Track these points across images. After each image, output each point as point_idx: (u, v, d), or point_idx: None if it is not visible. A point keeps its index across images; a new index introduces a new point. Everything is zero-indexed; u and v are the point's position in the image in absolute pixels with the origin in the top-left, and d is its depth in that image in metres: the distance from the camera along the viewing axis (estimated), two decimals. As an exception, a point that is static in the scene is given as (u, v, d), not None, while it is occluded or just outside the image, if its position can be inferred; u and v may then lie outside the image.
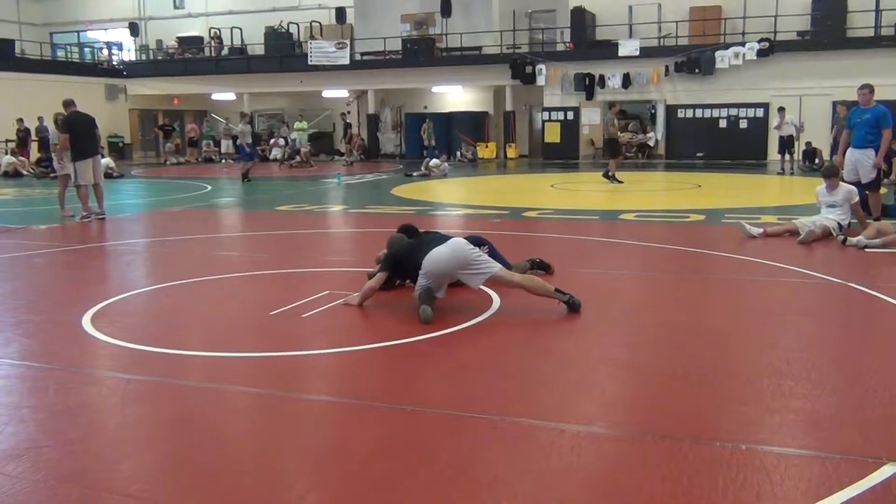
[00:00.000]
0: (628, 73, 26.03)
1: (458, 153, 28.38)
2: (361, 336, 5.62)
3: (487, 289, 6.26)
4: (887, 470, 3.19)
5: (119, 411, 4.18)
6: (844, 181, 9.80)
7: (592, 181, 19.15)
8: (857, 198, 9.48)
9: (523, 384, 4.43)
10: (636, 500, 3.01)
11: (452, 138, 29.05)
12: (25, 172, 23.36)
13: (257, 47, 32.31)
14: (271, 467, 3.39)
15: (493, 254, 6.61)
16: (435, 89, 31.27)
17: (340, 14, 30.07)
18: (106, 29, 35.91)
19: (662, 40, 26.07)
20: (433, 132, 27.80)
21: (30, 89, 26.88)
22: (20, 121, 25.42)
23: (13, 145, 25.43)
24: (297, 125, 30.23)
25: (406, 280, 6.52)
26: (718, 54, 24.74)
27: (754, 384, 4.34)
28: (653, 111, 26.77)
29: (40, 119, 23.80)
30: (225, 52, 33.07)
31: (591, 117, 27.06)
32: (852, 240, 8.65)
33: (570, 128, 27.08)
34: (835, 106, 17.94)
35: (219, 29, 33.04)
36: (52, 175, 17.67)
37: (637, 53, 25.39)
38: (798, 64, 23.79)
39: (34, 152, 25.16)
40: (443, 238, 6.09)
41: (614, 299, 6.54)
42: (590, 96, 26.70)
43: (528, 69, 27.04)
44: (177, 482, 3.28)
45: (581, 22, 26.79)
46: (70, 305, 6.43)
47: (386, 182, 19.92)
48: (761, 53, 24.24)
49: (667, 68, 25.63)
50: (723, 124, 25.33)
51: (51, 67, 30.76)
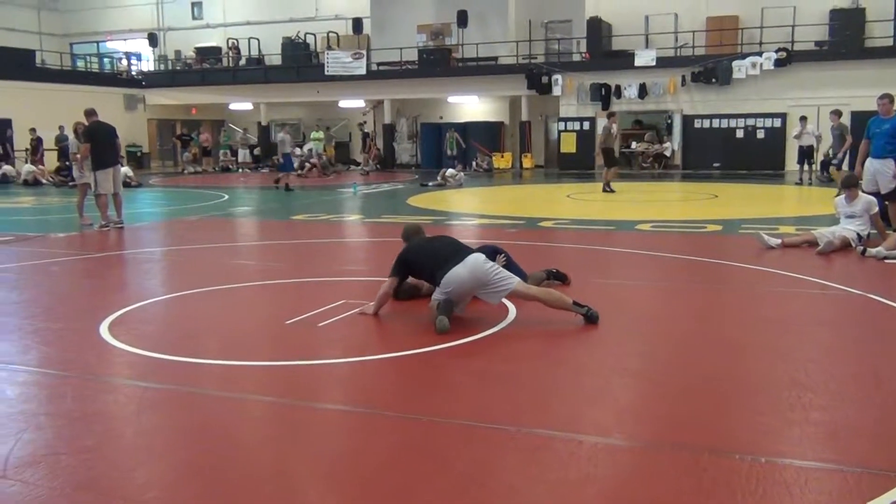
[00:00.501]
0: (644, 84, 25.98)
1: (474, 163, 28.40)
2: (377, 345, 5.61)
3: (504, 299, 6.23)
4: (909, 484, 3.14)
5: (135, 419, 4.19)
6: (864, 191, 9.72)
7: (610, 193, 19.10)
8: (877, 208, 9.39)
9: (539, 394, 4.40)
10: (654, 513, 2.98)
11: (468, 148, 29.10)
12: (45, 181, 23.57)
13: (274, 58, 32.51)
14: (286, 475, 3.38)
15: (510, 263, 6.59)
16: (451, 99, 31.33)
17: (357, 25, 30.22)
18: (125, 39, 36.26)
19: (679, 50, 26.02)
20: (454, 143, 27.90)
21: (50, 99, 27.17)
22: (33, 130, 25.65)
23: (24, 154, 25.69)
24: (314, 135, 30.37)
25: (422, 290, 6.55)
26: (735, 64, 24.66)
27: (773, 395, 4.30)
28: (669, 121, 26.69)
29: (61, 128, 24.04)
30: (242, 63, 33.30)
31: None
32: (871, 251, 8.57)
33: (586, 138, 27.01)
34: (851, 115, 17.85)
35: (236, 39, 33.29)
36: (71, 184, 17.82)
37: (653, 63, 25.34)
38: (816, 74, 23.67)
39: (53, 161, 25.38)
40: (457, 249, 6.03)
41: (631, 310, 6.50)
42: (606, 106, 26.61)
43: (544, 79, 27.04)
44: (192, 490, 3.28)
45: (597, 32, 26.79)
46: (88, 313, 6.47)
47: (402, 192, 19.95)
48: (779, 63, 24.13)
49: (683, 78, 25.56)
50: (740, 134, 25.22)
51: (70, 77, 31.10)
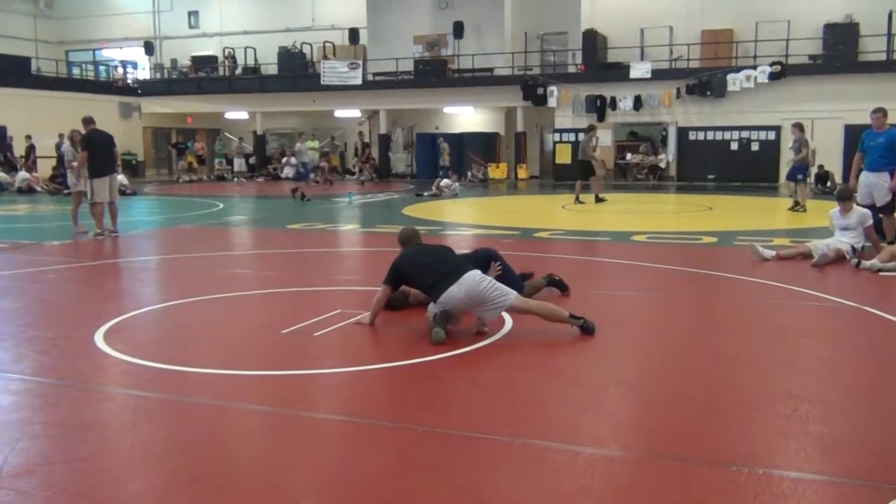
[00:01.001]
0: (640, 96, 26.08)
1: (469, 173, 28.44)
2: (373, 355, 5.60)
3: (499, 309, 6.24)
4: (906, 497, 3.14)
5: (130, 429, 4.18)
6: (858, 204, 9.76)
7: (604, 203, 19.14)
8: (871, 221, 9.43)
9: (535, 405, 4.40)
10: (651, 525, 2.97)
11: (464, 159, 29.13)
12: (39, 189, 23.53)
13: (271, 67, 32.56)
14: (281, 486, 3.37)
15: (505, 272, 6.58)
16: (447, 110, 31.40)
17: (353, 35, 30.31)
18: (121, 47, 36.30)
19: (674, 63, 26.15)
20: (446, 152, 27.97)
21: (45, 106, 27.17)
22: (28, 137, 25.66)
23: (23, 160, 25.68)
24: (309, 144, 30.33)
25: (410, 297, 6.57)
26: (730, 77, 24.80)
27: (769, 408, 4.30)
28: (664, 133, 26.79)
29: (61, 136, 24.05)
30: (239, 72, 33.36)
31: (603, 139, 27.03)
32: (866, 263, 8.60)
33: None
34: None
35: (233, 48, 33.34)
36: (66, 192, 17.80)
37: (649, 76, 25.46)
38: (810, 87, 23.82)
39: (47, 169, 25.35)
40: (452, 266, 5.94)
41: (626, 321, 6.51)
42: (601, 118, 26.73)
43: (540, 91, 27.13)
44: (186, 500, 3.26)
45: (593, 44, 26.91)
46: (83, 322, 6.44)
47: (397, 202, 19.96)
48: (773, 76, 24.28)
49: (678, 90, 25.68)
50: (734, 147, 25.34)
51: (66, 85, 31.12)
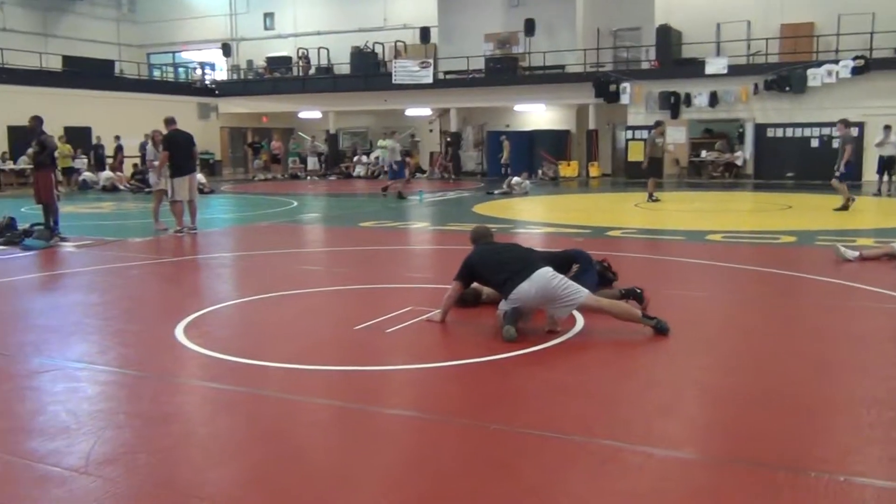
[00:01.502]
0: (715, 92, 25.50)
1: (540, 171, 28.28)
2: (444, 352, 5.63)
3: (571, 308, 6.20)
4: None
5: (209, 420, 4.30)
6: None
7: (677, 200, 18.82)
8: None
9: (608, 405, 4.36)
10: (727, 529, 2.92)
11: (535, 156, 28.98)
12: (122, 187, 24.36)
13: (343, 67, 32.96)
14: (354, 480, 3.42)
15: (585, 271, 6.49)
16: (517, 108, 31.29)
17: (425, 34, 30.46)
18: (200, 49, 37.25)
19: (751, 58, 25.49)
20: (510, 151, 27.91)
21: (127, 107, 28.11)
22: (117, 138, 26.67)
23: (111, 161, 26.64)
24: (381, 143, 30.67)
25: (483, 295, 6.55)
26: (810, 72, 24.04)
27: (851, 413, 4.17)
28: (741, 130, 26.15)
29: (146, 137, 24.88)
30: (312, 72, 33.87)
31: (677, 136, 26.60)
32: (956, 265, 8.25)
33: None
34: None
35: (306, 49, 33.88)
36: (147, 190, 18.37)
37: (725, 71, 24.87)
38: (895, 82, 22.91)
39: (127, 167, 26.29)
40: (524, 262, 5.94)
41: (701, 322, 6.39)
42: (675, 115, 26.25)
43: (612, 87, 26.78)
44: (264, 492, 3.34)
45: (667, 40, 26.43)
46: (164, 316, 6.66)
47: (468, 200, 19.99)
48: (856, 71, 23.42)
49: (756, 86, 25.00)
50: (815, 144, 24.54)
51: (147, 87, 32.12)
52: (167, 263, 10.16)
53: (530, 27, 28.14)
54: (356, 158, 32.56)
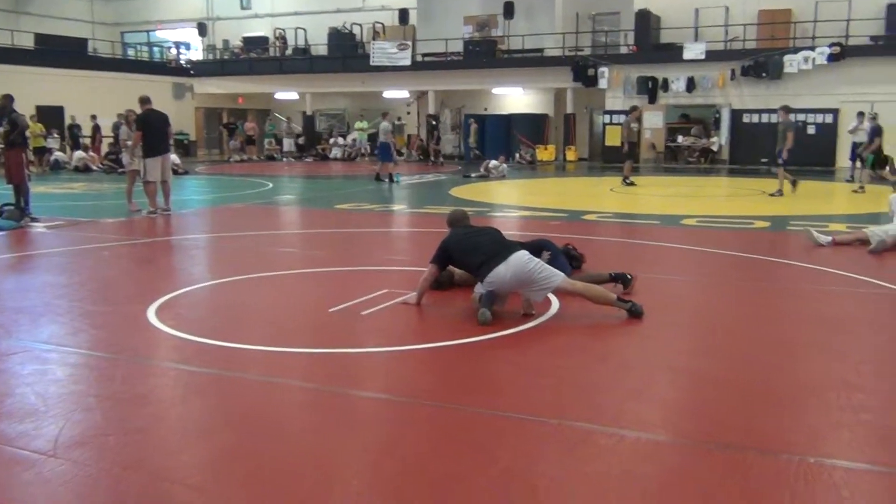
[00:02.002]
0: (693, 77, 25.61)
1: (517, 155, 28.27)
2: (419, 335, 5.62)
3: (546, 291, 6.21)
4: (965, 490, 3.05)
5: (181, 402, 4.26)
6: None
7: (653, 185, 18.91)
8: (933, 207, 9.15)
9: (582, 388, 4.37)
10: (698, 511, 2.94)
11: (511, 140, 28.95)
12: (95, 168, 24.05)
13: (321, 48, 32.71)
14: (329, 463, 3.40)
15: (555, 259, 6.49)
16: (495, 91, 31.23)
17: (403, 15, 30.26)
18: (175, 28, 36.77)
19: (729, 44, 25.59)
20: (477, 134, 27.80)
21: (101, 87, 27.73)
22: (93, 117, 26.30)
23: (87, 141, 26.28)
24: (358, 125, 30.51)
25: (455, 277, 6.54)
26: (787, 58, 24.20)
27: (823, 396, 4.21)
28: (717, 115, 26.28)
29: (119, 117, 24.51)
30: (289, 53, 33.58)
31: (654, 121, 26.71)
32: (926, 250, 8.36)
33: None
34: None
35: (283, 29, 33.56)
36: (121, 170, 18.15)
37: (703, 57, 24.96)
38: (870, 69, 23.11)
39: (105, 148, 25.97)
40: (500, 245, 5.97)
41: (675, 306, 6.42)
42: (652, 100, 26.35)
43: (591, 72, 26.81)
44: (236, 475, 3.31)
45: (645, 24, 26.47)
46: (136, 298, 6.58)
47: (444, 183, 19.95)
48: (832, 58, 23.60)
49: (733, 72, 25.14)
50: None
51: (121, 66, 31.67)
52: (140, 245, 10.05)
53: (509, 10, 28.05)
54: (332, 140, 32.36)
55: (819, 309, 6.37)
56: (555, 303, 6.11)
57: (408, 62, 28.98)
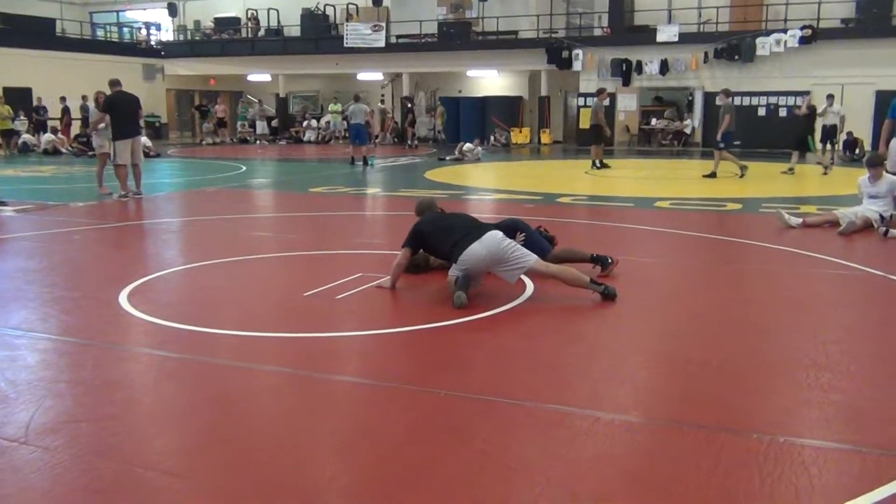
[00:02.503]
0: (666, 60, 25.70)
1: (492, 138, 28.24)
2: (394, 319, 5.62)
3: (521, 275, 6.22)
4: (930, 467, 3.12)
5: (154, 388, 4.23)
6: (888, 172, 9.59)
7: (627, 167, 19.00)
8: (901, 189, 9.26)
9: (556, 371, 4.40)
10: (671, 490, 2.97)
11: (486, 123, 28.91)
12: (64, 150, 23.70)
13: (293, 29, 32.37)
14: (304, 447, 3.40)
15: (531, 241, 6.50)
16: (470, 73, 31.13)
17: (377, -4, 30.03)
18: (145, 9, 36.20)
19: (702, 26, 25.68)
20: (444, 117, 27.72)
21: (69, 68, 27.27)
22: (62, 99, 25.88)
23: (55, 123, 25.87)
24: (332, 107, 30.28)
25: (430, 259, 6.52)
26: (759, 41, 24.33)
27: (792, 376, 4.27)
28: (690, 98, 26.41)
29: (84, 98, 24.16)
30: (261, 34, 33.20)
31: (627, 104, 26.79)
32: (894, 232, 8.48)
33: (606, 114, 26.67)
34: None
35: (255, 10, 33.16)
36: (91, 153, 17.91)
37: (676, 39, 25.04)
38: (841, 52, 23.30)
39: (75, 130, 25.59)
40: (474, 225, 6.01)
41: (649, 288, 6.47)
42: (626, 82, 26.41)
43: (565, 54, 26.80)
44: (210, 460, 3.30)
45: (619, 7, 26.48)
46: (107, 282, 6.51)
47: (419, 166, 19.90)
48: (803, 41, 23.77)
49: (706, 55, 25.24)
50: (762, 112, 24.91)
51: (90, 47, 31.12)
52: (111, 229, 9.93)
53: (483, -9, 27.94)
54: (306, 123, 32.12)
55: (789, 290, 6.45)
56: (529, 286, 6.14)
57: (382, 44, 28.80)
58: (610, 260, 6.66)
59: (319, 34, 31.41)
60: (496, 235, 5.85)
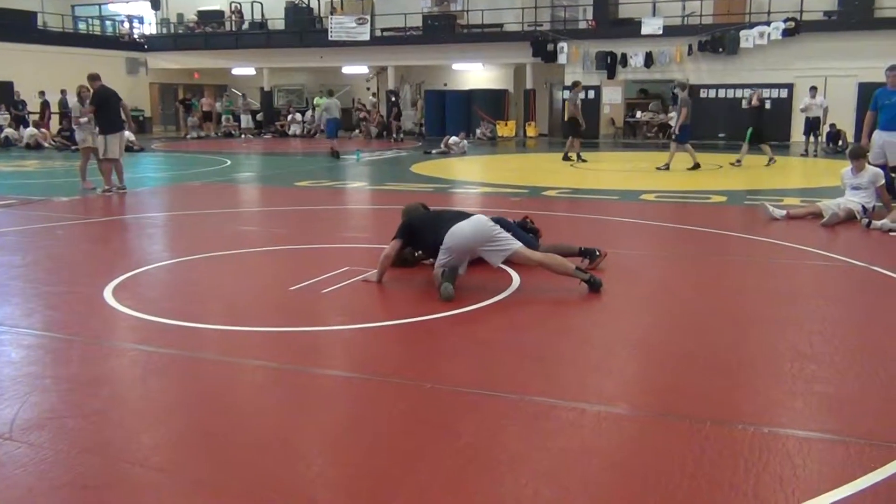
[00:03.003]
0: (651, 52, 25.74)
1: (478, 131, 28.22)
2: (381, 312, 5.62)
3: (507, 268, 6.24)
4: (912, 456, 3.15)
5: (140, 383, 4.21)
6: (871, 164, 9.67)
7: (612, 160, 19.06)
8: (883, 180, 9.34)
9: (543, 363, 4.41)
10: (656, 481, 2.99)
11: (472, 116, 28.88)
12: (47, 145, 23.50)
13: (278, 22, 32.20)
14: (291, 441, 3.40)
15: (516, 237, 6.51)
16: (455, 66, 31.07)
17: (361, -11, 29.91)
18: (127, 2, 35.88)
19: (686, 19, 25.74)
20: (424, 110, 27.66)
21: (51, 62, 27.00)
22: (41, 93, 25.64)
23: (36, 117, 25.64)
24: (317, 101, 30.12)
25: (419, 252, 6.52)
26: (743, 34, 24.41)
27: (776, 367, 4.30)
28: (675, 91, 26.44)
29: (63, 92, 23.95)
30: (245, 27, 33.01)
31: (613, 97, 26.84)
32: (877, 223, 8.55)
33: (591, 107, 26.78)
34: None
35: (239, 3, 32.94)
36: (74, 148, 17.77)
37: (660, 32, 25.08)
38: (824, 44, 23.41)
39: (55, 125, 25.36)
40: (463, 215, 6.06)
41: (634, 280, 6.50)
42: (611, 75, 26.45)
43: (550, 47, 26.79)
44: (197, 455, 3.30)
45: (604, 0, 26.49)
46: (92, 277, 6.47)
47: (405, 159, 19.87)
48: (786, 33, 23.87)
49: (690, 47, 25.31)
50: (746, 105, 24.96)
51: (72, 40, 30.83)
52: (95, 223, 9.87)
53: (468, -16, 27.90)
54: (290, 117, 31.97)
55: (773, 281, 6.49)
56: (515, 278, 6.15)
57: (366, 37, 28.68)
58: (598, 252, 6.68)
59: (304, 27, 31.26)
60: (482, 217, 5.97)
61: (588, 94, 26.85)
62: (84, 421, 3.60)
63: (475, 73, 31.48)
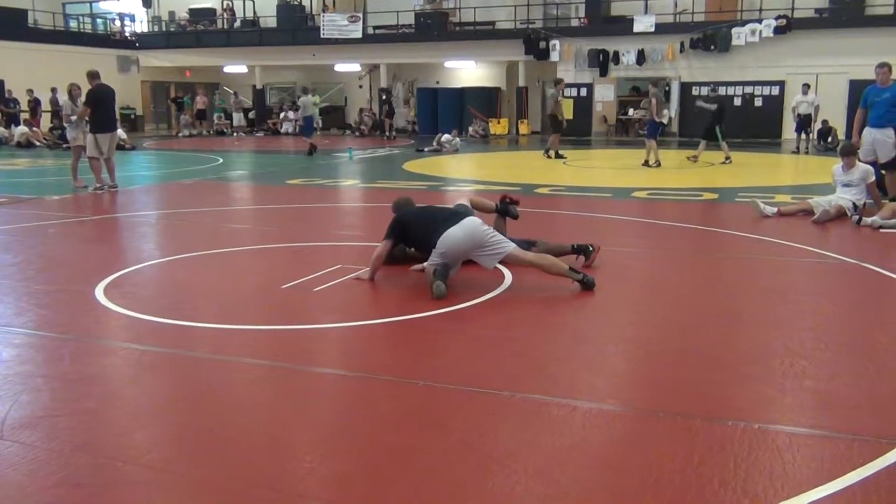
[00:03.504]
0: (643, 50, 25.78)
1: (471, 129, 28.22)
2: (373, 310, 5.62)
3: (500, 265, 6.25)
4: (900, 451, 3.17)
5: (132, 382, 4.21)
6: (861, 161, 9.71)
7: (605, 158, 19.08)
8: (874, 177, 9.39)
9: (535, 360, 4.43)
10: (647, 477, 3.00)
11: (465, 114, 28.87)
12: (38, 143, 23.41)
13: (269, 20, 32.13)
14: (283, 439, 3.40)
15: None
16: (447, 64, 31.05)
17: (354, -13, 29.86)
18: (119, 0, 35.74)
19: (678, 16, 25.79)
20: (416, 108, 27.65)
21: (42, 60, 26.87)
22: (30, 91, 25.50)
23: (26, 115, 25.52)
24: (313, 99, 30.04)
25: (412, 249, 6.51)
26: (735, 31, 24.46)
27: (767, 364, 4.32)
28: (667, 88, 26.49)
29: (53, 90, 23.83)
30: (237, 25, 32.92)
31: (605, 94, 26.87)
32: (867, 220, 8.59)
33: (584, 104, 26.87)
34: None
35: (231, 1, 32.85)
36: (65, 146, 17.71)
37: (652, 30, 25.11)
38: (815, 42, 23.48)
39: (45, 123, 25.25)
40: (453, 213, 6.05)
41: (627, 277, 6.52)
42: (604, 73, 26.47)
43: (542, 45, 26.80)
44: (190, 453, 3.30)
45: (596, -3, 26.54)
46: (83, 276, 6.46)
47: (398, 157, 19.87)
48: (778, 31, 23.93)
49: (682, 45, 25.36)
50: (737, 102, 25.05)
51: (63, 38, 30.67)
52: (87, 222, 9.85)
53: (460, -19, 27.88)
54: (283, 115, 31.91)
55: (764, 278, 6.52)
56: (507, 276, 6.16)
57: (359, 35, 28.65)
58: (591, 248, 6.68)
59: (296, 25, 31.20)
60: (475, 220, 5.92)
61: (580, 92, 26.92)
62: (76, 419, 3.60)
63: (467, 71, 31.47)
